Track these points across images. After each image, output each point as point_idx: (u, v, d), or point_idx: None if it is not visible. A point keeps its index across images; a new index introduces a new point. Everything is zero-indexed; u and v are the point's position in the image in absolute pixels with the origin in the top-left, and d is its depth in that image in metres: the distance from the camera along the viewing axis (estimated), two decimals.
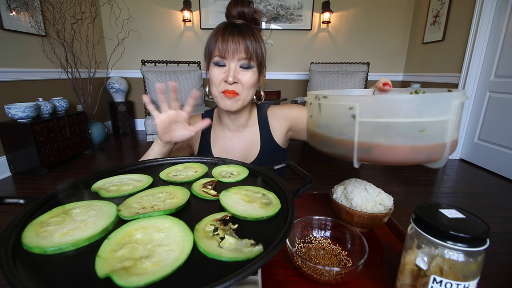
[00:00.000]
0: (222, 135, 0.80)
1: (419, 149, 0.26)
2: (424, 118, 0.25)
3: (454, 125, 0.27)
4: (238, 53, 0.64)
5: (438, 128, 0.26)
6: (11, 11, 2.15)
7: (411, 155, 0.26)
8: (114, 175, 0.48)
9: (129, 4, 3.25)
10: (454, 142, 0.29)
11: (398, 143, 0.26)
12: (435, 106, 0.25)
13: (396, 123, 0.26)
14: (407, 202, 1.76)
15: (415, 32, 3.31)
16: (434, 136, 0.26)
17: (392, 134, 0.26)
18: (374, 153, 0.27)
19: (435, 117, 0.25)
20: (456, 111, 0.26)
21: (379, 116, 0.26)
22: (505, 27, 2.23)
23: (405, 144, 0.26)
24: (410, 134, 0.26)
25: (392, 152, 0.27)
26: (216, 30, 0.67)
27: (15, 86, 2.21)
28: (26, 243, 0.28)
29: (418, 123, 0.25)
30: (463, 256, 0.29)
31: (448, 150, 0.28)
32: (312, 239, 0.49)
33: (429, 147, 0.26)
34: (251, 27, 0.67)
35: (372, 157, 0.28)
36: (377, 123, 0.26)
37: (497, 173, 2.26)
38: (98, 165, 2.47)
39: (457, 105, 0.26)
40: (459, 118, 0.28)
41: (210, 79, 0.69)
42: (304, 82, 3.52)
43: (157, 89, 0.59)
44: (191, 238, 0.29)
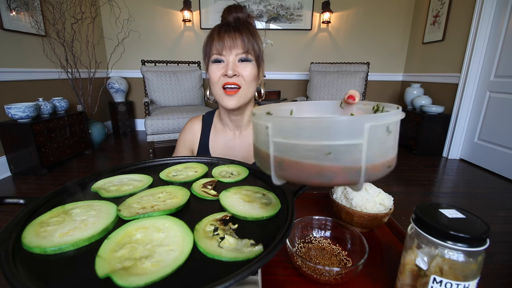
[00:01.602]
0: (222, 136, 0.80)
1: (327, 171, 0.25)
2: (329, 141, 0.24)
3: (370, 147, 0.25)
4: (235, 47, 0.65)
5: (347, 151, 0.25)
6: (11, 11, 2.15)
7: (321, 177, 0.26)
8: (114, 175, 0.48)
9: (129, 4, 3.25)
10: (379, 165, 0.26)
11: (306, 163, 0.26)
12: (342, 129, 0.24)
13: (302, 145, 0.25)
14: (407, 202, 1.76)
15: (415, 32, 3.31)
16: (344, 159, 0.25)
17: (300, 155, 0.26)
18: (286, 171, 0.27)
19: (342, 140, 0.24)
20: (372, 134, 0.24)
21: (287, 137, 0.26)
22: (505, 27, 2.23)
23: (313, 164, 0.25)
24: (317, 156, 0.25)
25: (301, 171, 0.26)
26: (212, 31, 0.68)
27: (15, 86, 2.21)
28: (26, 243, 0.28)
29: (322, 146, 0.24)
30: (463, 256, 0.29)
31: (364, 176, 0.25)
32: (312, 239, 0.49)
33: (340, 170, 0.25)
34: (246, 24, 0.68)
35: (285, 175, 0.28)
36: (286, 143, 0.26)
37: (497, 173, 2.26)
38: (98, 165, 2.47)
39: (371, 127, 0.24)
40: (385, 139, 0.26)
41: (210, 77, 0.69)
42: (304, 82, 3.52)
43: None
44: (191, 238, 0.29)
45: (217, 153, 0.79)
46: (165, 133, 2.33)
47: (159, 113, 2.33)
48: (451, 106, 2.68)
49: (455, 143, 2.65)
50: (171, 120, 2.30)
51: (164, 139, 2.35)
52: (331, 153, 0.25)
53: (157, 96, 2.72)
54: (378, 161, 0.26)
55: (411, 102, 2.98)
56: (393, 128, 0.27)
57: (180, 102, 2.79)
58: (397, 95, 3.67)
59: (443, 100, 2.80)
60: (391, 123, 0.26)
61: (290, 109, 0.40)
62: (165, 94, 2.73)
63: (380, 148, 0.26)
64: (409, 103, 3.05)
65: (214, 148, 0.80)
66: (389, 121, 0.26)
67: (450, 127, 2.67)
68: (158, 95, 2.72)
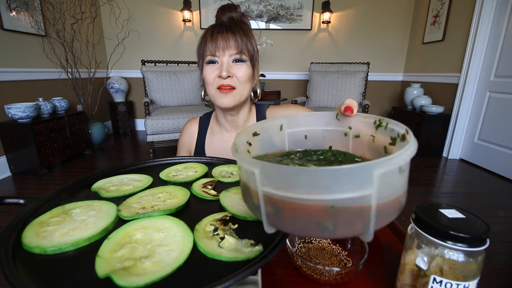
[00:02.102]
0: (219, 137, 0.80)
1: (329, 225, 0.21)
2: (330, 195, 0.19)
3: (380, 194, 0.20)
4: (229, 48, 0.65)
5: (353, 202, 0.20)
6: (11, 11, 2.15)
7: (322, 231, 0.21)
8: (114, 175, 0.48)
9: (129, 4, 3.25)
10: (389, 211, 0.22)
11: (303, 217, 0.21)
12: (347, 181, 0.19)
13: (298, 198, 0.20)
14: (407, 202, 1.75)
15: (415, 32, 3.31)
16: (349, 212, 0.20)
17: (296, 207, 0.21)
18: (279, 224, 0.23)
19: (347, 194, 0.19)
20: (383, 181, 0.20)
21: (279, 189, 0.21)
22: (505, 27, 2.23)
23: (312, 219, 0.21)
24: (316, 207, 0.21)
25: (298, 225, 0.22)
26: (205, 32, 0.68)
27: (15, 86, 2.21)
28: (26, 243, 0.28)
29: (323, 200, 0.20)
30: (463, 256, 0.29)
31: (373, 226, 0.21)
32: (312, 239, 0.49)
33: (344, 224, 0.21)
34: (239, 24, 0.68)
35: (279, 227, 0.24)
36: (279, 195, 0.21)
37: (497, 173, 2.26)
38: (98, 165, 2.47)
39: (383, 175, 0.19)
40: (397, 180, 0.22)
41: (205, 78, 0.69)
42: (304, 82, 3.52)
43: None
44: (191, 238, 0.29)
45: (213, 155, 0.79)
46: (165, 133, 2.33)
47: (159, 113, 2.33)
48: (451, 106, 2.68)
49: (455, 143, 2.65)
50: (171, 120, 2.30)
51: (164, 139, 2.35)
52: (334, 206, 0.20)
53: (157, 96, 2.72)
54: (388, 204, 0.22)
55: (411, 102, 2.98)
56: (406, 166, 0.22)
57: (180, 102, 2.79)
58: (397, 95, 3.67)
59: (443, 100, 2.80)
60: (404, 163, 0.21)
61: (280, 124, 0.35)
62: (165, 94, 2.73)
63: (392, 191, 0.22)
64: (409, 103, 3.05)
65: (210, 149, 0.80)
66: (402, 161, 0.21)
67: (450, 127, 2.67)
68: (158, 95, 2.72)
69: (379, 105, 3.70)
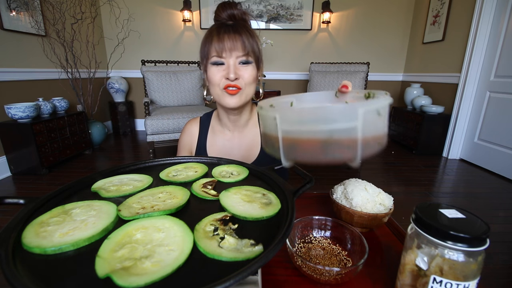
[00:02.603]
0: (221, 136, 0.80)
1: (330, 150, 0.30)
2: (329, 126, 0.29)
3: (364, 128, 0.29)
4: (236, 49, 0.64)
5: (345, 133, 0.29)
6: (11, 11, 2.15)
7: (324, 155, 0.30)
8: (114, 175, 0.48)
9: (129, 4, 3.25)
10: (371, 143, 0.31)
11: (310, 145, 0.30)
12: (339, 115, 0.29)
13: (306, 131, 0.30)
14: (407, 202, 1.75)
15: (415, 32, 3.31)
16: (342, 139, 0.29)
17: (305, 139, 0.30)
18: (293, 154, 0.32)
19: (340, 124, 0.29)
20: (365, 117, 0.29)
21: (293, 125, 0.30)
22: (505, 27, 2.23)
23: (316, 146, 0.30)
24: (319, 136, 0.29)
25: (307, 152, 0.31)
26: (209, 31, 0.67)
27: (15, 86, 2.21)
28: (26, 243, 0.28)
29: (324, 130, 0.29)
30: (463, 256, 0.29)
31: (360, 153, 0.30)
32: (312, 239, 0.49)
33: (339, 149, 0.30)
34: (245, 25, 0.68)
35: (293, 157, 0.32)
36: (292, 130, 0.31)
37: (497, 173, 2.26)
38: (98, 165, 2.47)
39: (365, 112, 0.28)
40: (376, 120, 0.31)
41: (210, 79, 0.68)
42: (304, 82, 3.52)
43: None
44: (191, 238, 0.29)
45: (215, 154, 0.79)
46: (165, 133, 2.33)
47: (159, 113, 2.33)
48: (451, 106, 2.68)
49: (455, 143, 2.65)
50: (171, 120, 2.30)
51: (164, 139, 2.35)
52: (332, 136, 0.29)
53: (157, 96, 2.72)
54: (371, 139, 0.31)
55: (411, 102, 2.98)
56: (383, 111, 0.32)
57: (180, 102, 2.79)
58: (397, 95, 3.67)
59: (443, 100, 2.80)
60: (381, 108, 0.31)
61: (290, 101, 0.44)
62: (165, 94, 2.73)
63: (373, 128, 0.31)
64: (409, 103, 3.05)
65: (212, 149, 0.80)
66: (379, 106, 0.30)
67: (450, 127, 2.67)
68: (158, 95, 2.72)
69: None
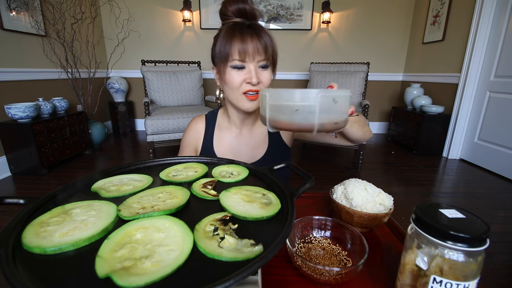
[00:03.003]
0: (228, 134, 0.80)
1: (297, 119, 0.43)
2: (298, 103, 0.42)
3: (321, 108, 0.41)
4: (258, 54, 0.63)
5: (307, 108, 0.42)
6: (11, 11, 2.15)
7: (292, 124, 0.44)
8: (114, 175, 0.48)
9: (129, 4, 3.25)
10: (327, 121, 0.43)
11: (285, 115, 0.44)
12: (303, 95, 0.42)
13: (283, 105, 0.43)
14: (407, 202, 1.76)
15: (415, 32, 3.31)
16: (306, 113, 0.42)
17: (282, 111, 0.44)
18: (275, 122, 0.45)
19: (305, 102, 0.42)
20: (321, 100, 0.41)
21: (277, 101, 0.44)
22: (505, 27, 2.23)
23: (287, 117, 0.44)
24: (291, 111, 0.43)
25: (282, 120, 0.44)
26: (228, 32, 0.64)
27: (15, 86, 2.21)
28: (26, 243, 0.28)
29: (294, 105, 0.42)
30: (463, 256, 0.29)
31: (317, 125, 0.43)
32: (312, 239, 0.49)
33: (303, 119, 0.43)
34: (262, 26, 0.66)
35: (275, 125, 0.46)
36: (276, 104, 0.44)
37: (497, 173, 2.26)
38: (98, 165, 2.47)
39: (321, 97, 0.41)
40: (332, 105, 0.43)
41: (229, 83, 0.67)
42: (304, 82, 3.52)
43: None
44: (191, 238, 0.29)
45: (222, 152, 0.79)
46: (165, 133, 2.33)
47: (159, 113, 2.33)
48: (451, 106, 2.68)
49: (455, 143, 2.65)
50: (171, 120, 2.30)
51: (164, 139, 2.35)
52: (298, 109, 0.42)
53: (157, 96, 2.72)
54: (326, 118, 0.43)
55: (411, 102, 2.98)
56: (339, 100, 0.43)
57: (180, 102, 2.79)
58: (397, 95, 3.67)
59: (443, 100, 2.80)
60: (336, 96, 0.42)
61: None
62: (165, 94, 2.73)
63: (328, 110, 0.42)
64: (409, 103, 3.05)
65: (219, 146, 0.79)
66: (334, 94, 0.42)
67: (450, 127, 2.67)
68: (158, 95, 2.72)
69: (379, 105, 3.70)
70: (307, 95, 0.41)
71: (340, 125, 0.45)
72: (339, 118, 0.44)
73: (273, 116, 0.45)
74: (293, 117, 0.43)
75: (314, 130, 0.43)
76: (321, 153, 2.84)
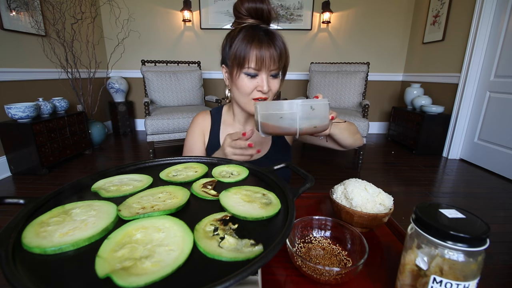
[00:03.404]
0: (232, 130, 0.82)
1: (281, 124, 0.52)
2: (281, 111, 0.51)
3: (302, 114, 0.50)
4: (273, 64, 0.65)
5: (289, 115, 0.50)
6: (11, 11, 2.15)
7: (278, 128, 0.52)
8: (114, 175, 0.48)
9: (129, 4, 3.25)
10: (307, 125, 0.51)
11: (272, 121, 0.52)
12: (287, 105, 0.50)
13: (270, 113, 0.52)
14: (407, 202, 1.76)
15: (415, 32, 3.31)
16: (289, 119, 0.51)
17: (270, 118, 0.52)
18: (265, 127, 0.54)
19: (288, 111, 0.50)
20: (302, 108, 0.50)
21: (266, 110, 0.52)
22: (505, 27, 2.23)
23: (274, 121, 0.52)
24: (276, 118, 0.52)
25: (270, 125, 0.53)
26: (247, 39, 0.63)
27: (15, 86, 2.21)
28: (26, 243, 0.28)
29: (278, 114, 0.51)
30: (463, 256, 0.29)
31: (298, 128, 0.51)
32: (312, 239, 0.49)
33: (286, 124, 0.51)
34: (279, 34, 0.67)
35: (265, 130, 0.54)
36: (265, 113, 0.53)
37: (497, 173, 2.26)
38: (98, 165, 2.47)
39: (301, 105, 0.50)
40: (310, 111, 0.51)
41: (241, 88, 0.68)
42: (304, 82, 3.52)
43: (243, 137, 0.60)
44: (191, 238, 0.29)
45: None
46: (165, 133, 2.33)
47: (159, 113, 2.33)
48: (451, 106, 2.68)
49: (455, 143, 2.65)
50: (171, 120, 2.30)
51: (164, 139, 2.35)
52: (282, 117, 0.51)
53: (157, 96, 2.72)
54: (307, 123, 0.51)
55: (411, 102, 2.98)
56: (317, 107, 0.51)
57: (180, 102, 2.79)
58: (397, 95, 3.67)
59: (443, 100, 2.80)
60: (313, 104, 0.51)
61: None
62: (165, 94, 2.73)
63: (307, 116, 0.51)
64: (409, 103, 3.05)
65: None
66: (312, 103, 0.51)
67: (450, 127, 2.67)
68: (158, 95, 2.72)
69: (379, 105, 3.70)
70: (288, 105, 0.50)
71: (319, 129, 0.53)
72: (318, 123, 0.52)
73: (263, 123, 0.53)
74: (279, 123, 0.51)
75: (297, 133, 0.51)
76: (321, 153, 2.84)
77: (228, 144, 0.61)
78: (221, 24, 3.35)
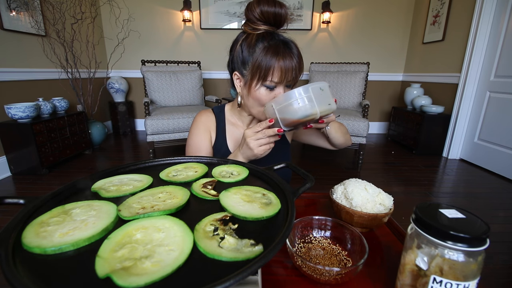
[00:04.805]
0: (236, 129, 0.83)
1: (301, 112, 0.57)
2: (296, 98, 0.57)
3: (314, 96, 0.57)
4: (294, 77, 0.66)
5: (306, 99, 0.56)
6: (11, 11, 2.15)
7: (299, 116, 0.57)
8: (114, 175, 0.48)
9: (129, 4, 3.25)
10: (325, 103, 0.58)
11: (290, 112, 0.57)
12: (300, 91, 0.57)
13: (287, 104, 0.57)
14: (407, 202, 1.76)
15: (415, 32, 3.31)
16: (306, 105, 0.56)
17: (287, 109, 0.57)
18: (284, 121, 0.59)
19: (303, 96, 0.56)
20: (313, 90, 0.57)
21: (279, 104, 0.58)
22: (505, 27, 2.23)
23: (293, 111, 0.57)
24: (294, 107, 0.56)
25: (290, 117, 0.58)
26: (271, 50, 0.62)
27: (15, 86, 2.21)
28: (26, 243, 0.28)
29: (294, 102, 0.57)
30: (463, 256, 0.29)
31: (317, 110, 0.57)
32: (312, 239, 0.49)
33: (307, 111, 0.57)
34: (295, 42, 0.68)
35: (285, 123, 0.59)
36: (283, 105, 0.57)
37: (497, 173, 2.26)
38: (98, 165, 2.47)
39: (312, 88, 0.57)
40: (320, 92, 0.58)
41: (258, 100, 0.67)
42: (304, 82, 3.50)
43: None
44: (191, 238, 0.29)
45: (234, 146, 0.81)
46: (165, 133, 2.33)
47: (159, 113, 2.33)
48: (451, 106, 2.68)
49: (455, 143, 2.65)
50: (171, 120, 2.30)
51: (164, 139, 2.35)
52: (299, 103, 0.56)
53: (157, 96, 2.72)
54: (323, 102, 0.58)
55: (411, 102, 2.98)
56: (324, 88, 0.59)
57: (180, 102, 2.79)
58: (397, 95, 3.67)
59: (443, 100, 2.80)
60: (321, 86, 0.58)
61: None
62: (165, 94, 2.73)
63: (320, 96, 0.57)
64: (409, 103, 3.05)
65: (231, 138, 0.82)
66: (319, 85, 0.58)
67: (450, 127, 2.67)
68: (158, 95, 2.72)
69: (379, 105, 3.70)
70: (303, 90, 0.55)
71: (332, 106, 0.59)
72: (330, 100, 0.59)
73: (282, 117, 0.57)
74: (298, 112, 0.55)
75: (318, 113, 0.56)
76: (321, 153, 2.84)
77: (251, 137, 0.61)
78: (221, 24, 3.35)
